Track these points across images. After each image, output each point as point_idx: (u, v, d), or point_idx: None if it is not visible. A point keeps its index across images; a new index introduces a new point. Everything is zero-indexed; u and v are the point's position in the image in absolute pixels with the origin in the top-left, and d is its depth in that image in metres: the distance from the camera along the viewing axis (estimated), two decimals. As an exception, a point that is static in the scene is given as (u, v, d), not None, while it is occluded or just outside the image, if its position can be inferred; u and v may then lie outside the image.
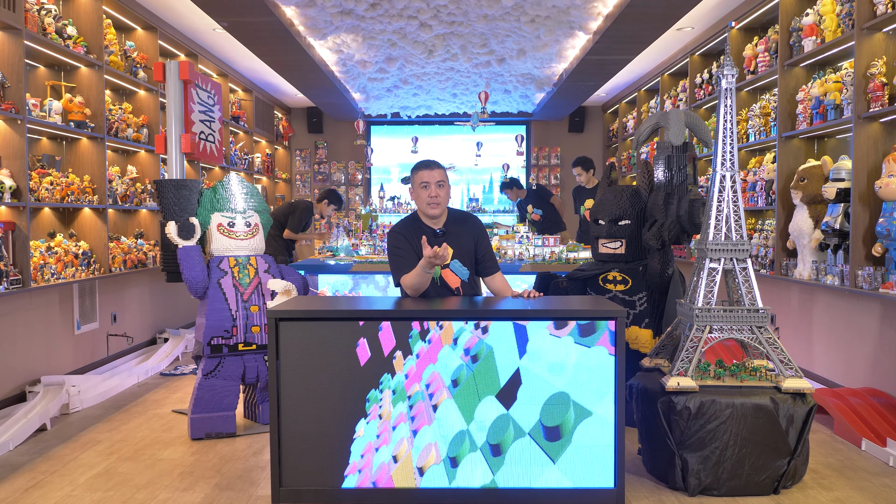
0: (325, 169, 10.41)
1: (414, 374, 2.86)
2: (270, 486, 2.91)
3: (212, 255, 3.99)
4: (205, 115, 4.50)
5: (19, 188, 4.11)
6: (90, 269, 4.87)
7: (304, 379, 2.86)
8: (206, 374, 3.83)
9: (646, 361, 3.47)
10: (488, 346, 2.85)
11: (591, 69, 6.95)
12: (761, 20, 5.50)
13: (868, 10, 3.95)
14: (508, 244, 5.34)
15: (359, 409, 2.86)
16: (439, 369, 2.86)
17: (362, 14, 5.60)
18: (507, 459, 2.84)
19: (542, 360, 2.84)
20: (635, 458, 3.43)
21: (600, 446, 2.83)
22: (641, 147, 5.58)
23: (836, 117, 4.29)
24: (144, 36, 5.85)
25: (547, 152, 10.32)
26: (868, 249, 3.95)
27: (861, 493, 3.09)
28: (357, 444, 2.86)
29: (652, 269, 3.87)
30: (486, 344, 2.85)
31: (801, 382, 3.05)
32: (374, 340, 2.87)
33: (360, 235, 5.90)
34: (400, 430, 2.86)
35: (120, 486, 3.18)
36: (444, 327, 2.87)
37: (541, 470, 2.84)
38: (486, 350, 2.85)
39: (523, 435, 2.84)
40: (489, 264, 3.47)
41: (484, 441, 2.85)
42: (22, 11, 4.08)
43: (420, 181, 3.37)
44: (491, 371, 2.85)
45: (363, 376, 2.86)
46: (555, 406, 2.83)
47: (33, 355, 4.53)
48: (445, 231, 3.42)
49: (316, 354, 2.87)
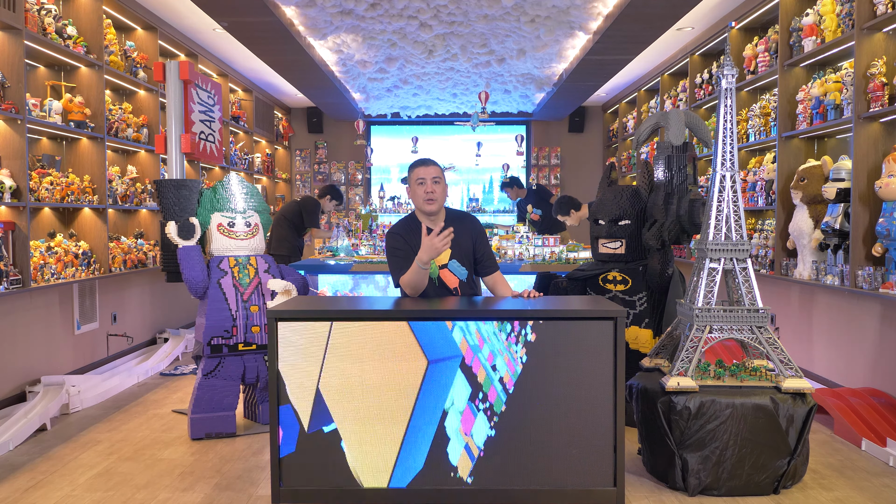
0: (325, 169, 10.40)
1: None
2: (270, 486, 2.91)
3: (212, 255, 3.99)
4: (205, 115, 4.50)
5: (19, 188, 4.11)
6: (90, 269, 4.87)
7: (304, 379, 2.86)
8: (206, 374, 3.83)
9: (646, 361, 3.47)
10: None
11: (591, 69, 6.95)
12: (761, 20, 5.50)
13: (868, 10, 3.95)
14: (508, 244, 5.34)
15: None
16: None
17: (362, 14, 5.60)
18: (507, 459, 2.84)
19: (542, 360, 2.84)
20: (635, 458, 3.43)
21: (600, 446, 2.83)
22: (641, 147, 5.58)
23: (836, 117, 4.29)
24: (144, 36, 5.85)
25: (547, 152, 10.32)
26: (868, 249, 3.95)
27: (861, 493, 3.09)
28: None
29: (652, 269, 3.87)
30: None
31: (801, 382, 3.05)
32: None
33: (360, 235, 5.90)
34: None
35: (120, 486, 3.18)
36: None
37: (541, 469, 2.84)
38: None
39: (523, 434, 2.84)
40: (488, 264, 3.47)
41: (484, 441, 2.85)
42: (22, 11, 4.08)
43: (416, 178, 3.37)
44: (490, 371, 2.85)
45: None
46: (554, 406, 2.83)
47: (33, 355, 4.53)
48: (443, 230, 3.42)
49: (316, 354, 2.86)
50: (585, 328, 2.84)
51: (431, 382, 2.85)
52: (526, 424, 2.84)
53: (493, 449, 2.85)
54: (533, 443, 2.84)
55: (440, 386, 2.85)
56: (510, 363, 2.84)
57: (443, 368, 2.85)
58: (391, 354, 2.85)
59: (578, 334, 2.84)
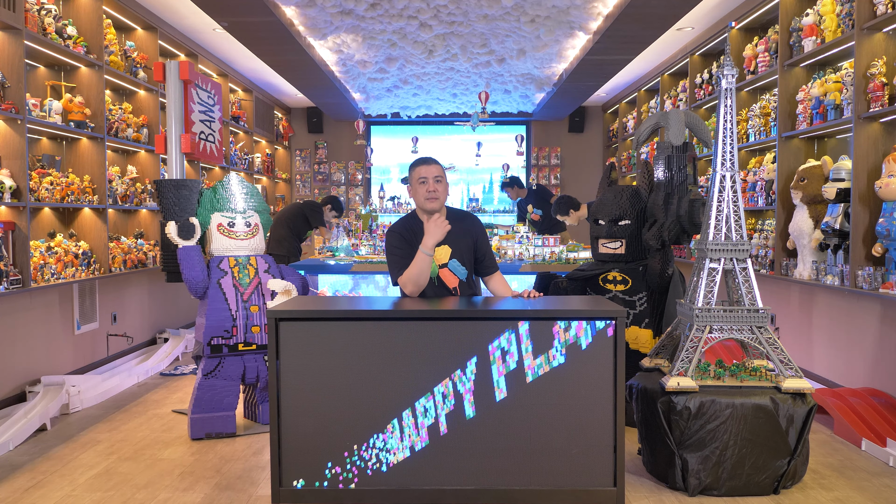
0: (325, 169, 10.40)
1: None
2: (270, 486, 2.91)
3: (212, 255, 3.99)
4: (205, 115, 4.50)
5: (19, 188, 4.11)
6: (90, 269, 4.87)
7: (304, 379, 2.86)
8: (206, 374, 3.83)
9: (646, 361, 3.47)
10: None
11: (591, 69, 6.95)
12: (761, 20, 5.50)
13: (868, 10, 3.95)
14: (508, 244, 5.34)
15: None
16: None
17: (362, 14, 5.60)
18: (507, 459, 2.84)
19: (542, 360, 2.84)
20: (635, 458, 3.44)
21: (600, 446, 2.83)
22: (641, 147, 5.58)
23: (836, 117, 4.29)
24: (144, 36, 5.85)
25: (547, 152, 10.32)
26: (868, 249, 3.95)
27: (861, 493, 3.09)
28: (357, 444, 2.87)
29: (652, 269, 3.87)
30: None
31: (801, 382, 3.05)
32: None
33: (360, 235, 5.91)
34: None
35: (120, 486, 3.18)
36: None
37: (541, 469, 2.84)
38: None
39: (523, 434, 2.84)
40: (488, 264, 3.47)
41: (483, 440, 2.84)
42: (22, 11, 4.08)
43: (418, 177, 3.37)
44: (490, 371, 2.85)
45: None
46: (554, 405, 2.83)
47: (33, 355, 4.53)
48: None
49: (316, 354, 2.87)
50: (585, 329, 2.84)
51: (431, 382, 2.85)
52: (526, 424, 2.84)
53: (494, 449, 2.85)
54: (533, 443, 2.84)
55: (440, 386, 2.84)
56: (510, 363, 2.84)
57: (443, 368, 2.85)
58: (391, 354, 2.85)
59: (578, 334, 2.84)
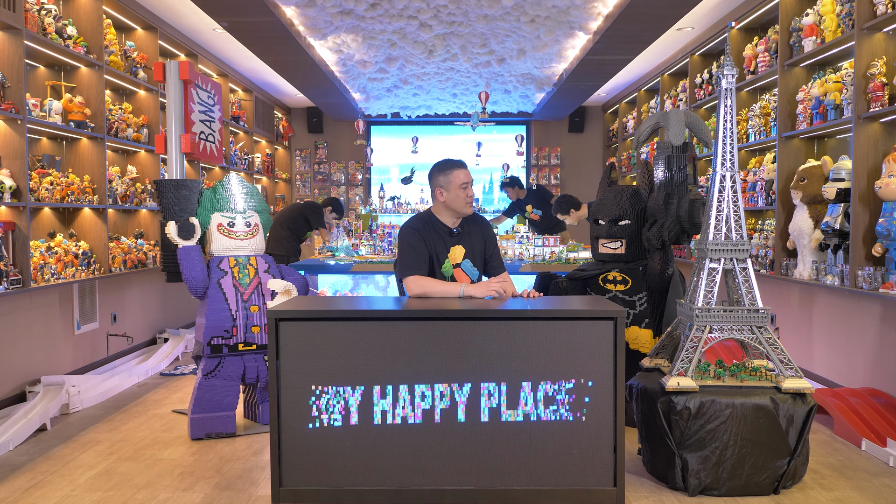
0: (325, 169, 10.40)
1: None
2: (270, 486, 2.91)
3: (212, 255, 3.99)
4: (205, 115, 4.50)
5: (19, 188, 4.11)
6: (90, 269, 4.87)
7: (304, 379, 2.86)
8: (206, 374, 3.83)
9: (646, 361, 3.47)
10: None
11: (591, 69, 6.95)
12: (761, 20, 5.50)
13: (868, 10, 3.95)
14: (508, 244, 5.34)
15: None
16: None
17: (362, 14, 5.60)
18: (507, 459, 2.84)
19: (542, 360, 2.84)
20: (635, 458, 3.43)
21: (600, 446, 2.83)
22: (641, 147, 5.58)
23: (836, 117, 4.29)
24: (144, 36, 5.85)
25: (547, 152, 10.32)
26: (868, 249, 3.95)
27: (861, 493, 3.09)
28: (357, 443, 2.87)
29: (652, 269, 3.87)
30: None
31: (801, 382, 3.05)
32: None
33: (360, 235, 5.91)
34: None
35: (120, 486, 3.18)
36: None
37: (541, 469, 2.84)
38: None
39: (523, 434, 2.84)
40: (496, 264, 3.55)
41: (483, 440, 2.84)
42: (22, 11, 4.08)
43: (460, 182, 3.39)
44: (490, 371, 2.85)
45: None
46: (554, 406, 2.83)
47: (33, 355, 4.53)
48: (461, 231, 3.47)
49: (316, 354, 2.87)
50: (585, 328, 2.84)
51: (431, 382, 2.85)
52: (526, 424, 2.84)
53: (494, 448, 2.85)
54: (533, 443, 2.84)
55: (440, 385, 2.84)
56: (510, 363, 2.84)
57: (443, 368, 2.85)
58: (391, 354, 2.85)
59: (578, 334, 2.84)
